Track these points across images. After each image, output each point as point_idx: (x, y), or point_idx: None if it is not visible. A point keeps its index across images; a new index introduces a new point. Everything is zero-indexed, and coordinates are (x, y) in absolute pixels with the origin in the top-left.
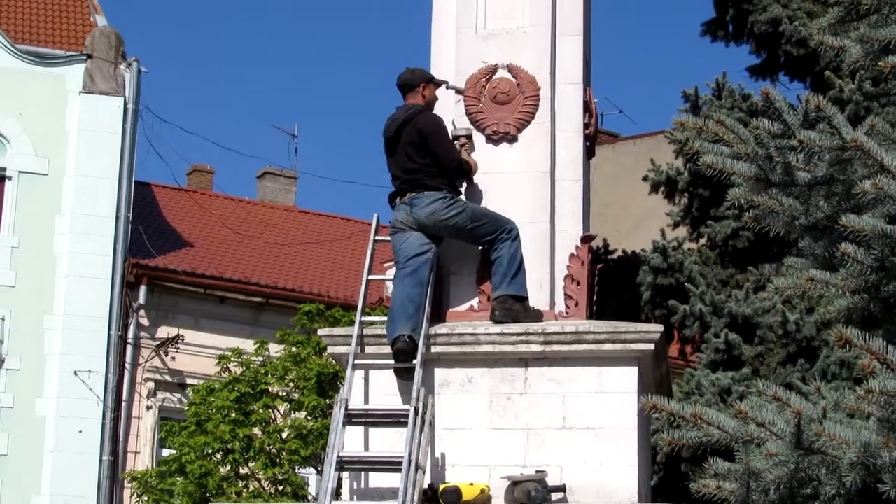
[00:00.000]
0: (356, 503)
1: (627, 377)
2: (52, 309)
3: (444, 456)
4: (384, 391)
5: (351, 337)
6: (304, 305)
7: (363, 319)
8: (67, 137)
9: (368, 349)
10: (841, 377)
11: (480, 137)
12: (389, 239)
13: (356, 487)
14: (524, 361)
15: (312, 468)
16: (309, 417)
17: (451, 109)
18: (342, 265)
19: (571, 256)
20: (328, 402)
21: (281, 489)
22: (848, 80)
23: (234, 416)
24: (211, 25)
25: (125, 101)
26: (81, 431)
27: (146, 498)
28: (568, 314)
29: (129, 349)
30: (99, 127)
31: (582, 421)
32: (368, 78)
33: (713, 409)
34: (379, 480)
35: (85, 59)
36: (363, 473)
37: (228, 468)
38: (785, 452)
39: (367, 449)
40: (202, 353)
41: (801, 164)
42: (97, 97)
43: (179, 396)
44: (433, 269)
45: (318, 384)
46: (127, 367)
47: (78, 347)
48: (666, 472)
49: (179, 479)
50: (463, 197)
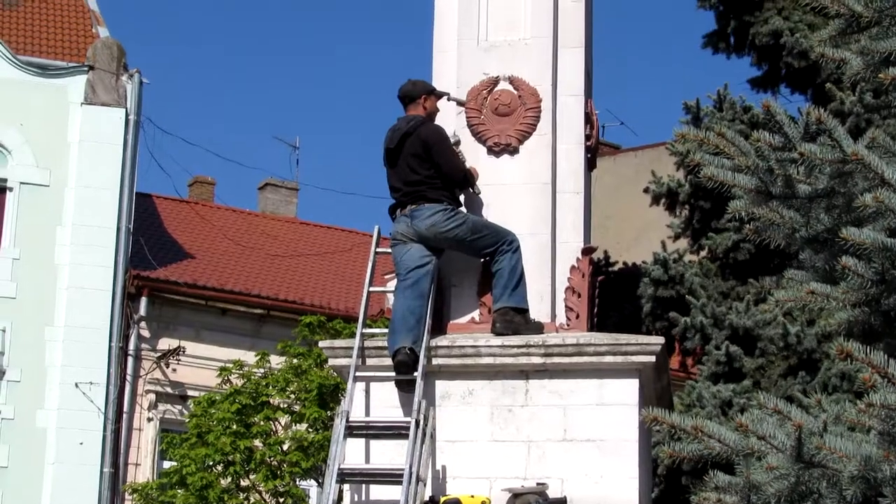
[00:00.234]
0: None
1: (628, 389)
2: (53, 320)
3: (444, 468)
4: (385, 403)
5: (352, 349)
6: (305, 317)
7: (364, 331)
8: (69, 148)
9: (369, 361)
10: (842, 389)
11: (482, 149)
12: (390, 251)
13: (357, 500)
14: (525, 373)
15: (313, 480)
16: (310, 429)
17: (452, 121)
18: (343, 277)
19: (572, 268)
20: (329, 413)
21: (282, 501)
22: (849, 92)
23: (235, 427)
24: (213, 37)
25: (127, 112)
26: (82, 443)
27: None
28: (569, 326)
29: (130, 361)
30: (100, 138)
31: (583, 433)
32: (370, 90)
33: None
34: (380, 493)
35: (87, 70)
36: (364, 486)
37: (229, 480)
38: (785, 465)
39: (368, 461)
40: (203, 364)
41: (801, 176)
42: (99, 108)
43: (180, 408)
44: (434, 281)
45: (319, 396)
46: (128, 378)
47: (79, 359)
48: (667, 484)
49: (180, 491)
50: (464, 209)
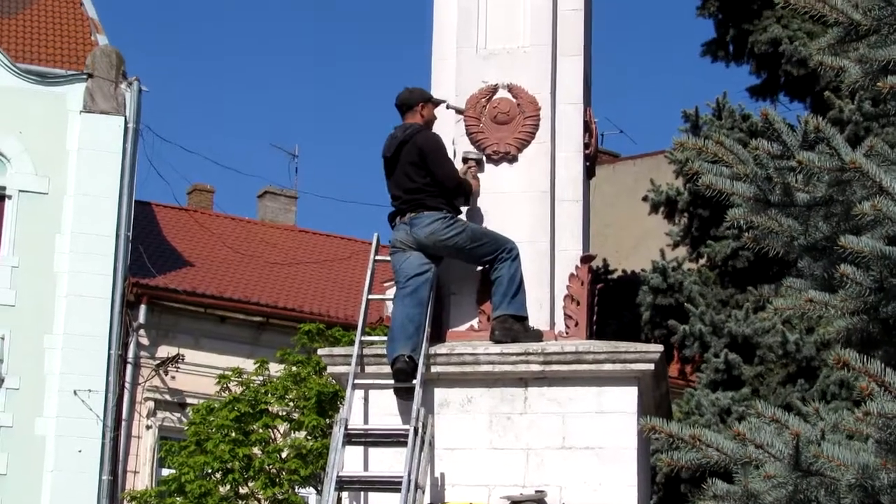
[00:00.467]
0: None
1: (627, 397)
2: (52, 328)
3: (443, 476)
4: (384, 411)
5: (351, 356)
6: (304, 325)
7: (363, 339)
8: (68, 156)
9: (368, 369)
10: (841, 397)
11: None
12: (389, 258)
13: None
14: (524, 381)
15: (312, 488)
16: (309, 437)
17: (451, 129)
18: (342, 285)
19: (571, 276)
20: (328, 421)
21: None
22: (848, 100)
23: (233, 435)
24: (211, 45)
25: (126, 120)
26: (81, 451)
27: None
28: (568, 334)
29: (129, 368)
30: (99, 146)
31: (581, 441)
32: (369, 98)
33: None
34: (378, 500)
35: (85, 78)
36: (363, 493)
37: (228, 488)
38: (783, 474)
39: (366, 469)
40: (202, 372)
41: (800, 184)
42: (98, 116)
43: (179, 416)
44: (433, 288)
45: (317, 404)
46: (127, 386)
47: (78, 367)
48: (665, 492)
49: (179, 498)
50: (463, 217)
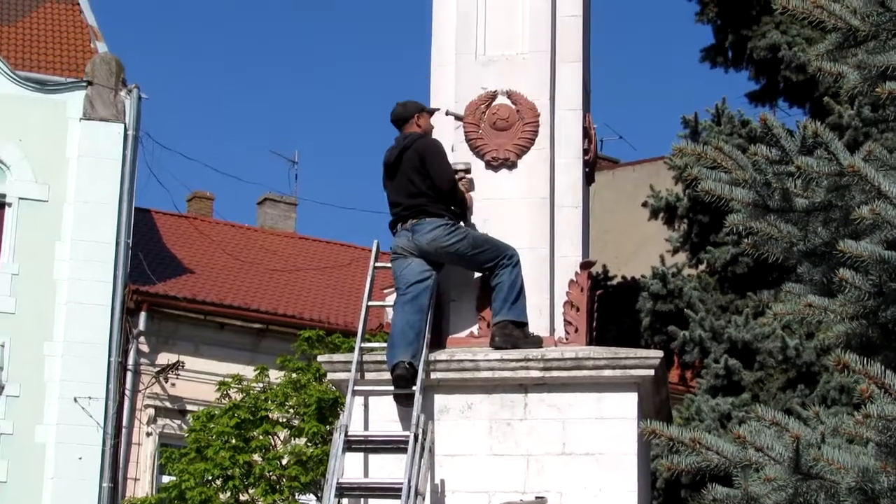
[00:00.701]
0: None
1: (627, 403)
2: (52, 335)
3: (443, 482)
4: (384, 417)
5: (351, 363)
6: (304, 332)
7: (363, 346)
8: (68, 164)
9: (368, 375)
10: (841, 402)
11: (480, 164)
12: (390, 265)
13: None
14: (524, 387)
15: (312, 495)
16: (309, 444)
17: (450, 136)
18: (342, 291)
19: (571, 282)
20: (328, 428)
21: None
22: (847, 105)
23: (234, 442)
24: (211, 52)
25: (125, 127)
26: (81, 458)
27: None
28: (567, 340)
29: (129, 375)
30: (99, 153)
31: (582, 447)
32: (369, 104)
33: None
34: None
35: (85, 85)
36: (363, 500)
37: (228, 495)
38: (783, 477)
39: (366, 475)
40: (202, 379)
41: (799, 190)
42: (97, 123)
43: (179, 423)
44: (433, 295)
45: (318, 410)
46: (127, 393)
47: (78, 374)
48: (666, 497)
49: None
50: (463, 223)
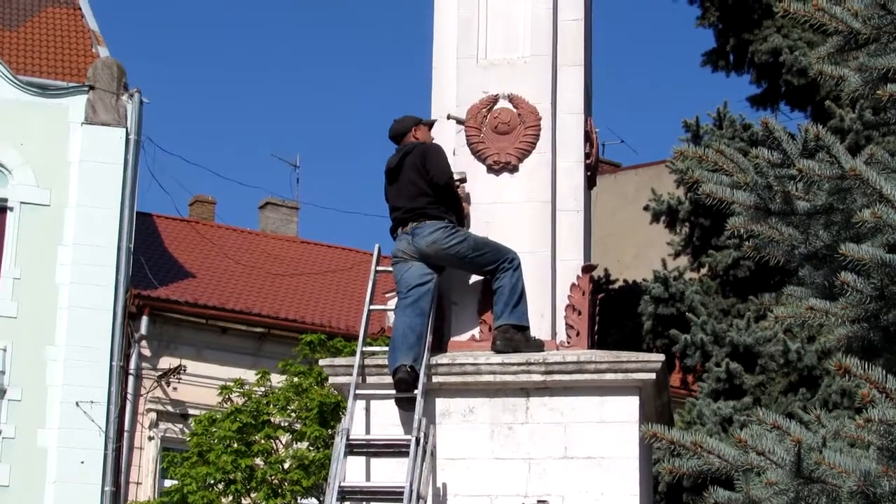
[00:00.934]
0: None
1: (629, 406)
2: (53, 340)
3: (445, 486)
4: (386, 421)
5: (352, 367)
6: (305, 336)
7: (364, 349)
8: (69, 168)
9: (370, 379)
10: (842, 406)
11: (481, 168)
12: (391, 269)
13: None
14: (525, 391)
15: (314, 498)
16: (311, 447)
17: (451, 140)
18: (344, 295)
19: (572, 286)
20: (330, 432)
21: None
22: (848, 109)
23: (235, 446)
24: (213, 56)
25: (127, 131)
26: (83, 462)
27: None
28: (569, 344)
29: (130, 380)
30: (101, 158)
31: (583, 450)
32: (370, 108)
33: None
34: None
35: (87, 90)
36: None
37: (231, 499)
38: (785, 481)
39: (368, 479)
40: (204, 383)
41: (800, 193)
42: (99, 128)
43: (181, 427)
44: (434, 298)
45: (319, 414)
46: (129, 397)
47: (79, 378)
48: (667, 501)
49: None
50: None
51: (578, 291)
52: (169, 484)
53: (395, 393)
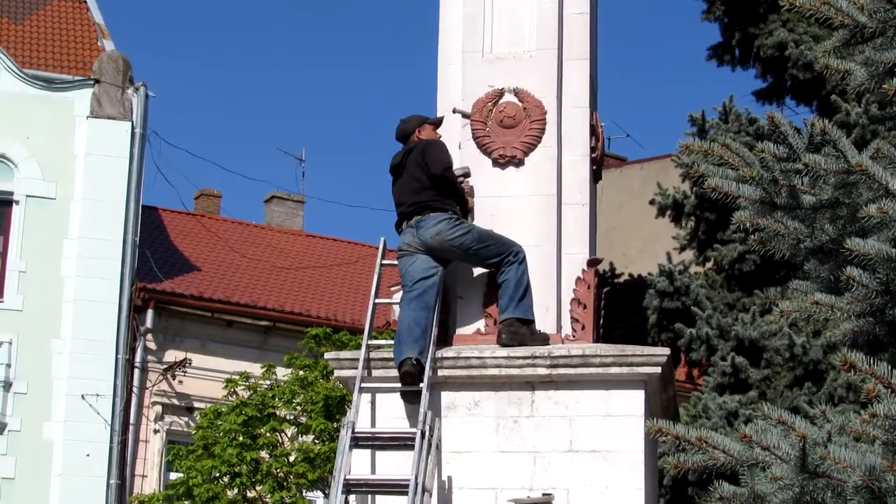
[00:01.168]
0: None
1: (634, 400)
2: (59, 333)
3: (450, 479)
4: (391, 414)
5: (358, 360)
6: (311, 329)
7: (370, 343)
8: (75, 162)
9: (375, 372)
10: (848, 400)
11: (487, 161)
12: (396, 262)
13: None
14: (531, 384)
15: (320, 491)
16: (316, 441)
17: (457, 134)
18: (349, 289)
19: (578, 280)
20: (335, 425)
21: None
22: (854, 103)
23: (241, 439)
24: (218, 50)
25: (133, 125)
26: (89, 455)
27: None
28: (574, 337)
29: (136, 373)
30: (106, 151)
31: (588, 444)
32: (375, 102)
33: (720, 432)
34: None
35: (92, 83)
36: (370, 497)
37: (236, 492)
38: (790, 476)
39: (373, 472)
40: (209, 376)
41: (806, 187)
42: (105, 121)
43: (187, 420)
44: (440, 292)
45: (325, 407)
46: (134, 390)
47: (85, 371)
48: (673, 495)
49: (187, 502)
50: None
51: (584, 285)
52: (174, 477)
53: (400, 386)
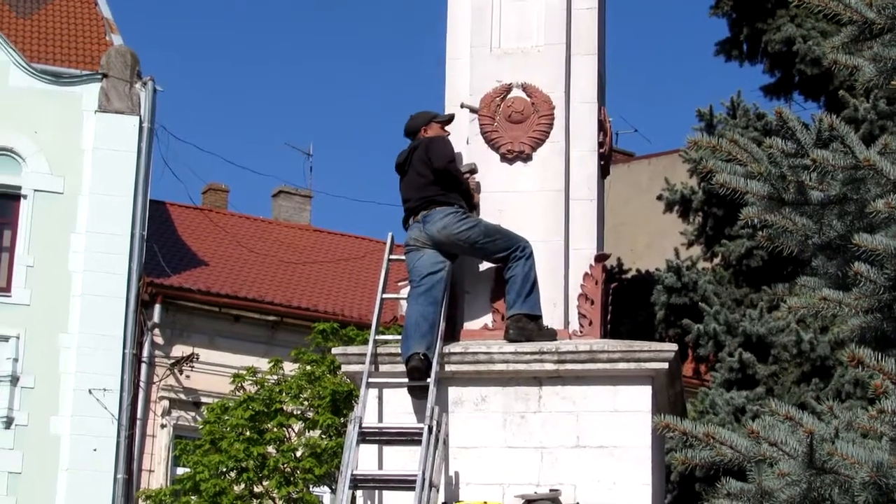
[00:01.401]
0: None
1: (641, 396)
2: (66, 327)
3: (457, 474)
4: (398, 409)
5: (365, 355)
6: (318, 324)
7: (377, 338)
8: (83, 156)
9: (382, 368)
10: (855, 396)
11: (495, 156)
12: (404, 257)
13: None
14: (538, 380)
15: (327, 487)
16: (323, 436)
17: (465, 129)
18: (357, 284)
19: (585, 275)
20: (342, 420)
21: None
22: (862, 99)
23: (248, 434)
24: (226, 44)
25: (140, 119)
26: (96, 450)
27: None
28: (582, 333)
29: (143, 367)
30: (114, 145)
31: (596, 439)
32: (383, 97)
33: (727, 428)
34: (393, 499)
35: (100, 77)
36: (377, 492)
37: (242, 487)
38: (797, 472)
39: (380, 467)
40: (217, 371)
41: (814, 183)
42: (113, 116)
43: (194, 415)
44: (447, 287)
45: (332, 403)
46: (141, 385)
47: (93, 366)
48: (680, 491)
49: (194, 497)
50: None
51: (591, 280)
52: (181, 472)
53: (407, 381)
